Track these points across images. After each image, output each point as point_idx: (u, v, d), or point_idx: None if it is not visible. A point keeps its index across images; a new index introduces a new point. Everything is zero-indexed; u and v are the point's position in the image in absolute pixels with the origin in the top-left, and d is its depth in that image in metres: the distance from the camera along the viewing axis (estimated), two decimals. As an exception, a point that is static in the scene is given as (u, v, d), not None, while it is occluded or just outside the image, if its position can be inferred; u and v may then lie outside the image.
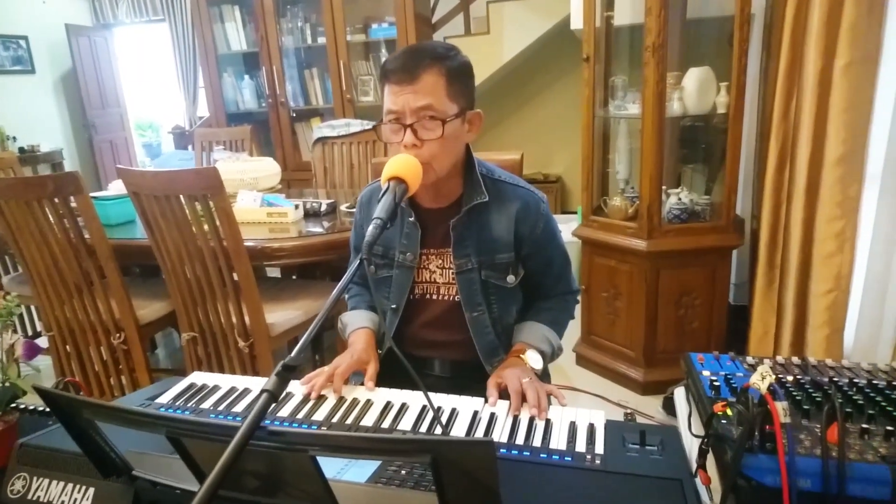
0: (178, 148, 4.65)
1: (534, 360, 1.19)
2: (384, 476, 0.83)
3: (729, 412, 0.84)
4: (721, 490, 0.81)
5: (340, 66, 3.64)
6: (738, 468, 0.77)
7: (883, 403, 0.86)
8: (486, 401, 1.06)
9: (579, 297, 1.39)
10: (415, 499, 0.80)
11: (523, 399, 1.03)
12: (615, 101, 2.55)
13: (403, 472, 0.84)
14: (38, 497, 0.93)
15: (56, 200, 1.93)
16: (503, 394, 1.08)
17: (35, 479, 0.95)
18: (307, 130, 4.06)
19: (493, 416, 1.02)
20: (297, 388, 1.15)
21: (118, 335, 2.14)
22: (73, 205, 1.96)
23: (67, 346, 2.25)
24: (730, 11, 2.29)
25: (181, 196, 1.81)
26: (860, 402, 0.87)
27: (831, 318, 1.87)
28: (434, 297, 1.30)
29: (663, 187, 2.42)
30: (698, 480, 0.86)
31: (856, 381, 0.94)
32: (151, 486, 0.85)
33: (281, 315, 2.09)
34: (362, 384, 1.17)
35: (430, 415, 1.03)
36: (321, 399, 1.11)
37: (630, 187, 2.70)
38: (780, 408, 0.77)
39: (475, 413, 1.03)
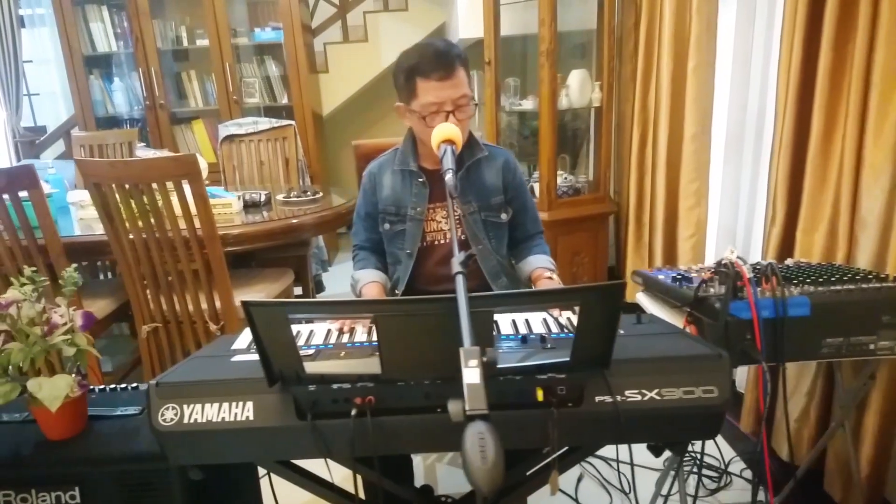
0: (27, 158, 4.20)
1: (556, 279, 1.54)
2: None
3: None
4: (715, 328, 1.24)
5: (226, 69, 3.66)
6: (728, 309, 1.19)
7: (797, 272, 1.36)
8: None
9: None
10: (536, 352, 1.09)
11: None
12: (509, 99, 3.01)
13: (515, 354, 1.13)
14: (195, 419, 1.03)
15: (6, 196, 1.85)
16: None
17: (186, 406, 1.05)
18: (187, 132, 3.99)
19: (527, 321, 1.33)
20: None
21: (68, 335, 2.07)
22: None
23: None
24: (591, 25, 2.88)
25: (153, 184, 1.86)
26: (784, 273, 1.35)
27: (695, 256, 2.48)
28: (442, 241, 1.60)
29: (552, 169, 2.91)
30: (688, 330, 1.27)
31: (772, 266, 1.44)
32: (307, 391, 1.04)
33: (247, 297, 2.18)
34: None
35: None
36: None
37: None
38: (746, 269, 1.21)
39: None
